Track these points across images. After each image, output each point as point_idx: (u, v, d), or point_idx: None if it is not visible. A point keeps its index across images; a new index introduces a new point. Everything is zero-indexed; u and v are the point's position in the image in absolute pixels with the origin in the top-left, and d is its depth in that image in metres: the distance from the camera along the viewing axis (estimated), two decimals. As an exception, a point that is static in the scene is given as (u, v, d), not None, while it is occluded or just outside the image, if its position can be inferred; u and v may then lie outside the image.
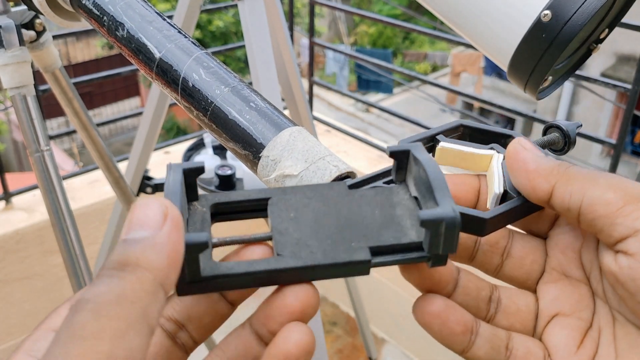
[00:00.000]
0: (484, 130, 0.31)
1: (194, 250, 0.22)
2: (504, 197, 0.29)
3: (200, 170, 0.25)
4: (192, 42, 0.36)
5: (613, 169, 1.25)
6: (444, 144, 0.30)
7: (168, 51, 0.35)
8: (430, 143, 0.31)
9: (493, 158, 0.30)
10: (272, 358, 0.22)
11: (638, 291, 0.24)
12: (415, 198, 0.26)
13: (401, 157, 0.27)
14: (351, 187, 0.27)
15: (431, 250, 0.24)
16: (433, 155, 0.30)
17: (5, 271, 1.35)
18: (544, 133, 0.33)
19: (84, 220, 1.41)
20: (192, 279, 0.23)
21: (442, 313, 0.26)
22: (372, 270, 0.26)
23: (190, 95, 0.34)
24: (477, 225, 0.27)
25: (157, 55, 0.35)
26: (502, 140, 0.31)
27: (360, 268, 0.24)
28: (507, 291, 0.28)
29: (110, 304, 0.18)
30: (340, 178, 0.30)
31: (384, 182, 0.28)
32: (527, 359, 0.26)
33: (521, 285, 0.29)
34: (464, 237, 0.28)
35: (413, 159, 0.27)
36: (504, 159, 0.29)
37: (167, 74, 0.35)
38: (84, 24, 0.57)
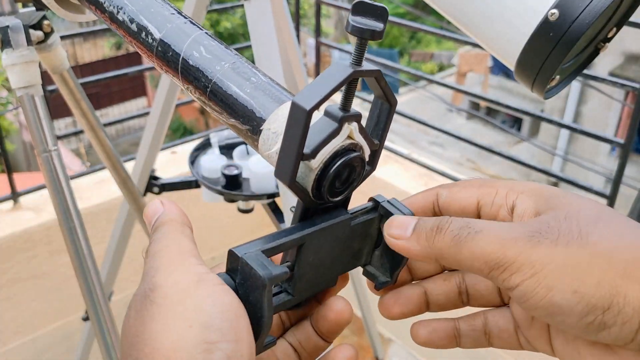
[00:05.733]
0: None
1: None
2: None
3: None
4: (191, 22, 0.36)
5: (621, 169, 1.25)
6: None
7: (168, 31, 0.35)
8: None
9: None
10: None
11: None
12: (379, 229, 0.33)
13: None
14: (351, 219, 0.32)
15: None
16: None
17: (13, 270, 1.36)
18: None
19: (92, 220, 1.42)
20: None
21: (430, 336, 0.33)
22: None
23: (191, 74, 0.33)
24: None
25: (158, 35, 0.35)
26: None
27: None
28: (470, 279, 0.33)
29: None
30: (343, 149, 0.29)
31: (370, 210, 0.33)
32: (500, 336, 0.32)
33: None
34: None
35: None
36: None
37: (167, 54, 0.34)
38: (88, 17, 0.57)
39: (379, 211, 0.32)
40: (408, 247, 0.29)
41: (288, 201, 0.85)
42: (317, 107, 0.26)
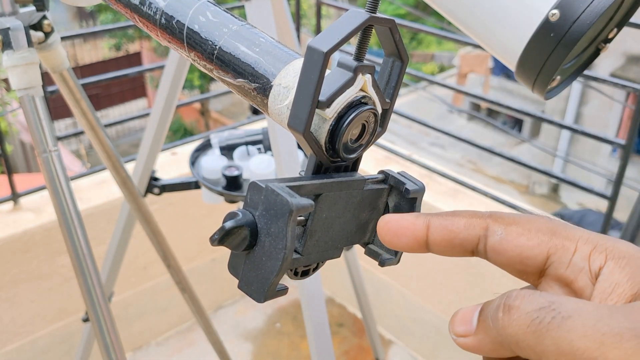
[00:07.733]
0: None
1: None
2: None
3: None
4: None
5: (622, 169, 1.25)
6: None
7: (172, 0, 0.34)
8: None
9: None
10: None
11: None
12: (387, 204, 0.32)
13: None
14: (364, 183, 0.31)
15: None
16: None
17: (13, 272, 1.36)
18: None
19: (92, 221, 1.42)
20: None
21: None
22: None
23: (196, 40, 0.33)
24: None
25: (162, 5, 0.35)
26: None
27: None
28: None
29: None
30: (357, 102, 0.29)
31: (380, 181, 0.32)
32: None
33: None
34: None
35: (406, 198, 0.31)
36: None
37: (171, 21, 0.34)
38: (88, 1, 0.56)
39: (388, 182, 0.32)
40: (477, 344, 0.23)
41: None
42: (333, 50, 0.26)
